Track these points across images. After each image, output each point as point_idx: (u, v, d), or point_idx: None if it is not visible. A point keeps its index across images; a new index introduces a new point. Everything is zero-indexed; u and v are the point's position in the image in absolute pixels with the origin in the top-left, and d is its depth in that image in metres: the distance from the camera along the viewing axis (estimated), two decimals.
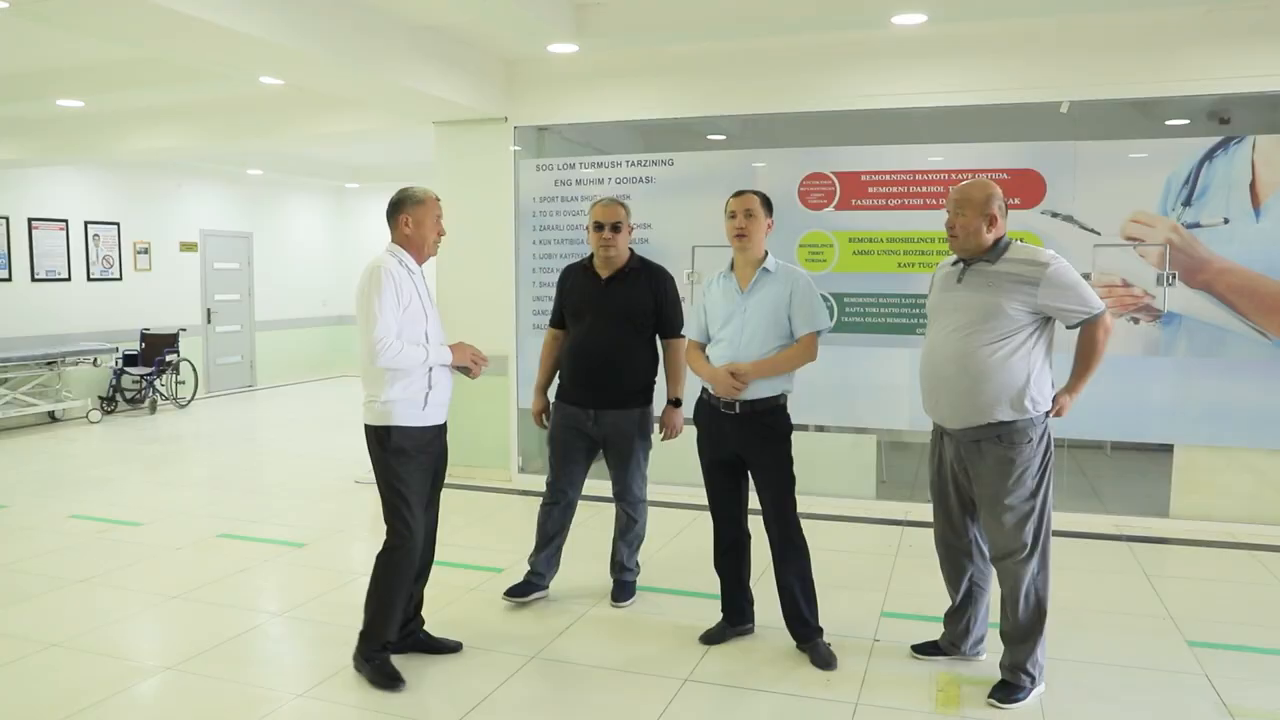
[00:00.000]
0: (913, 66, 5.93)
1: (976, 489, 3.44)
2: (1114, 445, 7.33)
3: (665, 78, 6.48)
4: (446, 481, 3.88)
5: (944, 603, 3.78)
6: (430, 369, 3.58)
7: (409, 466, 3.56)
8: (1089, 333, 3.37)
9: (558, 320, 4.49)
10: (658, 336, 4.37)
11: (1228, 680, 3.61)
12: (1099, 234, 5.72)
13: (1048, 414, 3.40)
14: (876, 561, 5.11)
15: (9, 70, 7.22)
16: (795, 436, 3.91)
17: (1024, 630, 3.43)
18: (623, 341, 4.27)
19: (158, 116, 8.32)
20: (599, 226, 4.24)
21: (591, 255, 4.37)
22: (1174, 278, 5.63)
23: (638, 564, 4.58)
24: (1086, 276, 5.59)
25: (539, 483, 4.83)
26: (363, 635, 3.64)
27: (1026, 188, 5.81)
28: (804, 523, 3.85)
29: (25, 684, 3.66)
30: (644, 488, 4.46)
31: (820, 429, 6.66)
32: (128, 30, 4.72)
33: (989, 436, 3.35)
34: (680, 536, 5.55)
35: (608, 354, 4.25)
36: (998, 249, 3.38)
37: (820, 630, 3.84)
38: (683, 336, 4.27)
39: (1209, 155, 5.53)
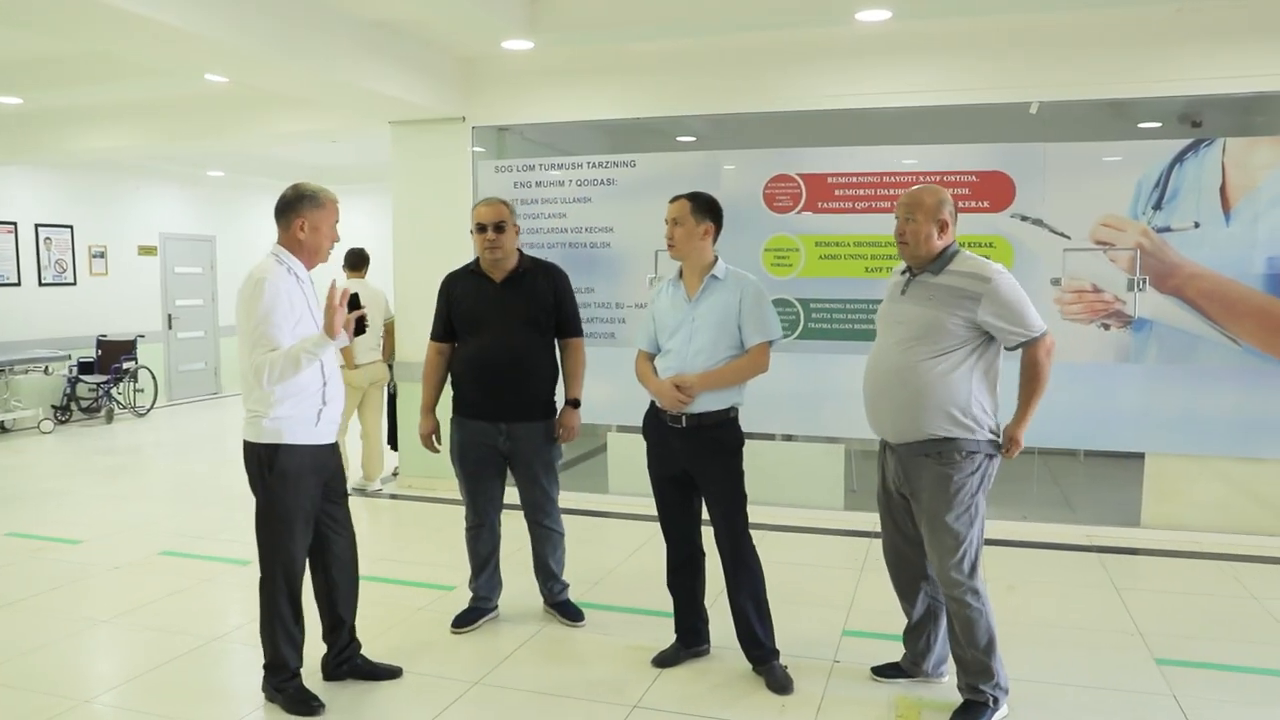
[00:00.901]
0: (879, 66, 5.79)
1: (916, 506, 3.32)
2: (1086, 453, 7.22)
3: (626, 77, 6.31)
4: (402, 493, 3.68)
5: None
6: (325, 384, 3.33)
7: (297, 489, 3.31)
8: (1029, 355, 3.23)
9: (443, 332, 4.21)
10: (556, 338, 4.20)
11: (1195, 700, 3.48)
12: (1069, 238, 5.59)
13: (996, 440, 3.27)
14: (841, 576, 4.95)
15: None
16: (762, 447, 3.77)
17: (975, 655, 3.28)
18: (528, 347, 4.06)
19: (105, 115, 8.07)
20: (481, 228, 4.03)
21: (476, 261, 4.16)
22: (1145, 283, 5.52)
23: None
24: (1055, 283, 5.58)
25: None
26: (266, 667, 3.44)
27: (996, 190, 5.68)
28: (771, 535, 3.73)
29: None
30: (558, 498, 4.29)
31: (788, 438, 6.51)
32: (58, 24, 4.50)
33: (928, 453, 3.23)
34: (640, 552, 5.37)
35: (515, 362, 4.04)
36: (943, 259, 3.26)
37: (776, 652, 3.67)
38: (581, 336, 4.20)
39: (1179, 158, 5.41)
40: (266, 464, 3.28)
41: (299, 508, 3.33)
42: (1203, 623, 4.32)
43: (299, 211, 3.33)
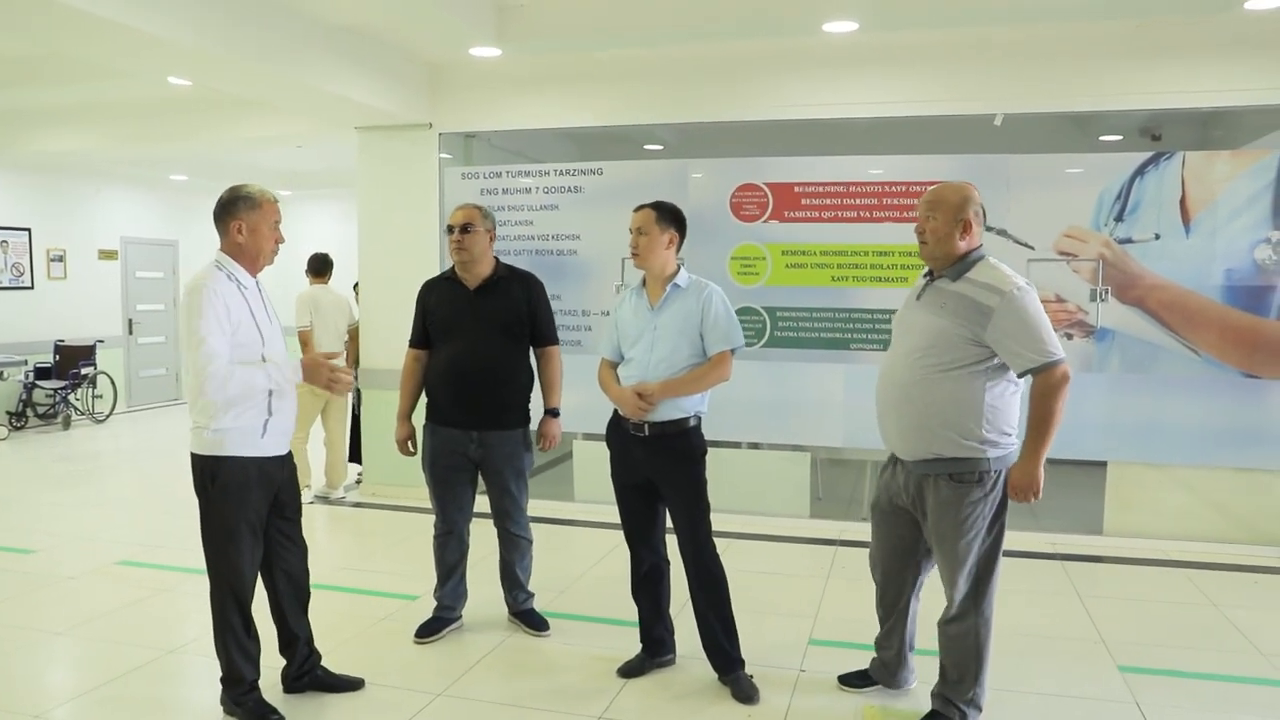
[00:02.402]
0: (846, 76, 5.83)
1: (926, 526, 3.23)
2: (1050, 461, 7.27)
3: (594, 85, 6.30)
4: (366, 501, 3.63)
5: (875, 629, 3.62)
6: (270, 392, 3.23)
7: (242, 502, 3.23)
8: (1039, 385, 2.99)
9: (420, 339, 4.19)
10: (531, 347, 4.19)
11: (1155, 706, 3.51)
12: (1033, 248, 5.65)
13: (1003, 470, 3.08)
14: (807, 585, 4.95)
15: None
16: (728, 454, 3.76)
17: (959, 670, 3.23)
18: (502, 355, 4.05)
19: (66, 116, 7.94)
20: (450, 230, 4.04)
21: (452, 268, 4.15)
22: (1107, 293, 5.58)
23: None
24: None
25: None
26: (224, 681, 3.38)
27: None
28: (737, 543, 3.71)
29: None
30: (527, 507, 4.26)
31: (754, 446, 6.52)
32: (16, 24, 4.42)
33: (938, 472, 3.10)
34: (605, 560, 5.35)
35: (488, 369, 4.02)
36: (964, 264, 3.12)
37: (741, 662, 3.66)
38: (557, 344, 4.19)
39: (1140, 171, 5.48)
40: (209, 476, 3.21)
41: (243, 520, 3.25)
42: (1164, 630, 4.37)
43: (235, 214, 3.24)
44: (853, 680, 3.67)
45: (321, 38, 5.52)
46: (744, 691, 3.58)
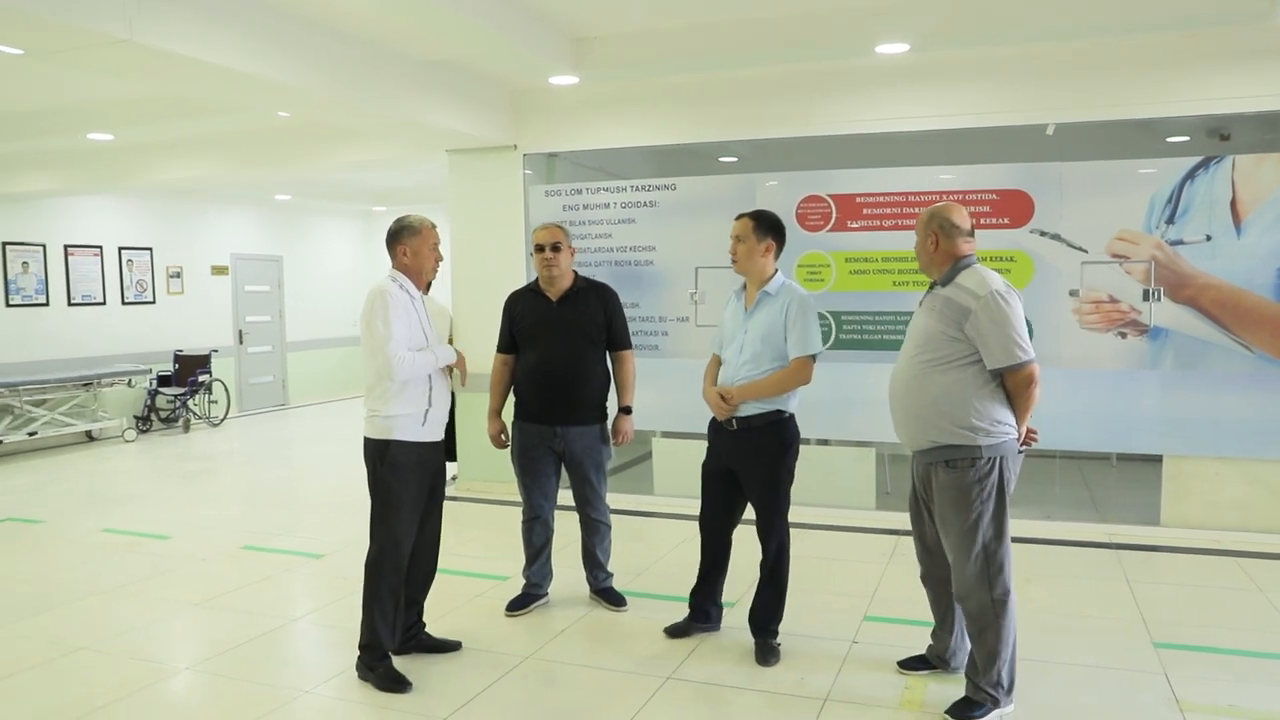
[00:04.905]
0: (902, 92, 6.15)
1: (932, 511, 3.56)
2: (1119, 457, 7.45)
3: (666, 105, 6.74)
4: (461, 495, 4.11)
5: (927, 609, 3.87)
6: (431, 389, 3.83)
7: (405, 479, 3.79)
8: (1008, 383, 3.36)
9: (507, 345, 4.66)
10: (608, 351, 4.62)
11: (1184, 678, 3.78)
12: (1086, 251, 5.88)
13: (1006, 445, 3.38)
14: (868, 569, 5.30)
15: (43, 107, 7.64)
16: (800, 450, 4.06)
17: (984, 658, 3.46)
18: (581, 358, 4.50)
19: (183, 147, 8.69)
20: (540, 248, 4.50)
21: (536, 280, 4.62)
22: (1159, 293, 5.79)
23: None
24: (1073, 294, 5.87)
25: None
26: (362, 647, 3.86)
27: (1015, 207, 6.00)
28: (805, 533, 4.01)
29: (55, 683, 3.96)
30: (606, 494, 4.70)
31: (823, 443, 6.86)
32: (150, 74, 5.04)
33: (939, 460, 3.45)
34: (681, 547, 5.76)
35: (569, 371, 4.48)
36: (953, 271, 3.48)
37: (775, 633, 4.05)
38: (630, 348, 4.62)
39: (1190, 175, 5.68)
40: (379, 456, 3.78)
41: (405, 496, 3.80)
42: (1204, 611, 4.61)
43: (400, 240, 3.86)
44: (911, 664, 3.92)
45: (415, 72, 6.09)
46: (764, 656, 3.98)
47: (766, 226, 4.02)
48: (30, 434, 9.49)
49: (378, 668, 3.83)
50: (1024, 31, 5.43)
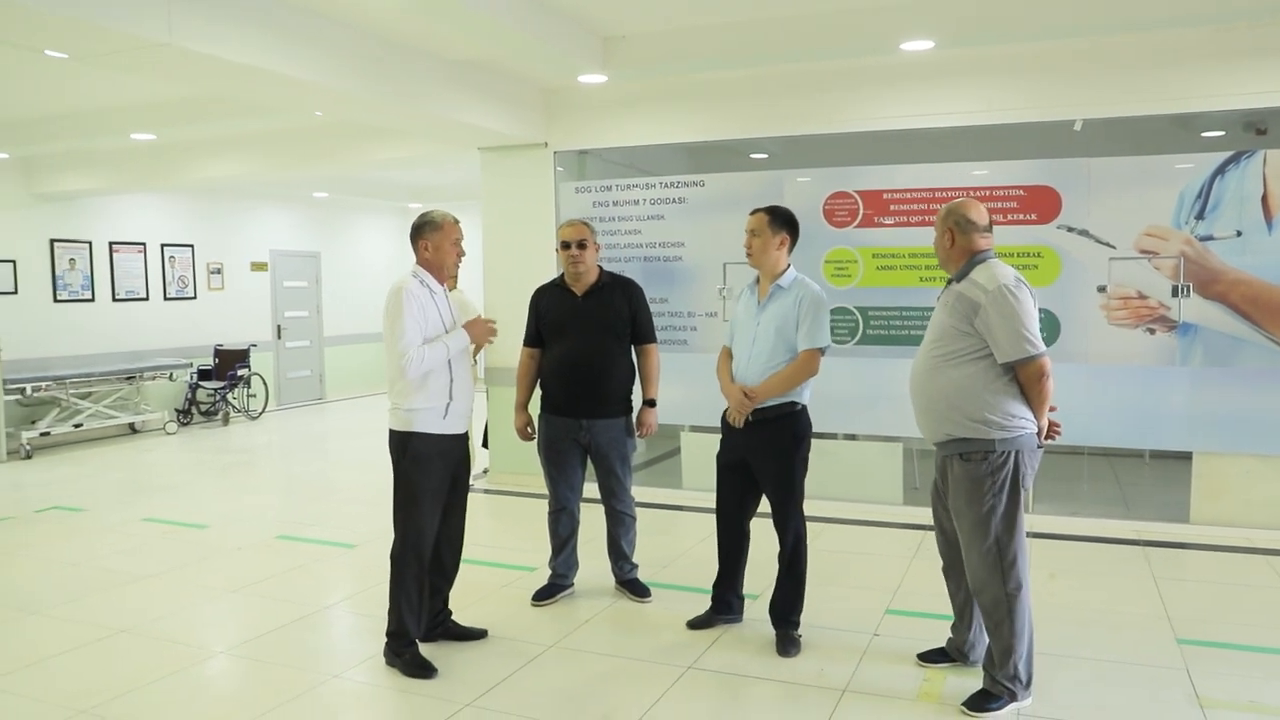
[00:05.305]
0: (929, 89, 6.16)
1: (949, 503, 3.60)
2: (1152, 454, 7.41)
3: (693, 103, 6.80)
4: (488, 488, 4.18)
5: (949, 604, 3.90)
6: (453, 382, 3.91)
7: (427, 471, 3.88)
8: (1020, 376, 3.37)
9: (534, 339, 4.74)
10: (632, 345, 4.68)
11: (1205, 674, 3.78)
12: (1114, 247, 5.86)
13: (1022, 439, 3.40)
14: (892, 564, 5.33)
15: (87, 108, 7.87)
16: (825, 445, 4.11)
17: (1000, 651, 3.49)
18: (606, 352, 4.57)
19: (224, 146, 8.91)
20: (566, 245, 4.57)
21: (562, 275, 4.69)
22: (1188, 289, 5.75)
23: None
24: (1101, 290, 5.84)
25: None
26: (389, 635, 3.97)
27: (1043, 203, 5.99)
28: (832, 528, 4.04)
29: (98, 663, 4.11)
30: (631, 486, 4.77)
31: (851, 438, 6.89)
32: (193, 77, 5.19)
33: (953, 454, 3.49)
34: (707, 540, 5.76)
35: (594, 365, 4.55)
36: (968, 266, 3.50)
37: (795, 624, 4.11)
38: (655, 342, 4.68)
39: (1220, 170, 5.64)
40: (401, 448, 3.88)
41: (427, 487, 3.89)
42: (1230, 608, 4.60)
43: (422, 235, 3.96)
44: (931, 657, 3.94)
45: (448, 72, 6.20)
46: (785, 647, 4.03)
47: (781, 221, 4.10)
48: (76, 426, 9.74)
49: (404, 654, 3.92)
50: (1051, 28, 5.41)
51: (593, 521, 4.94)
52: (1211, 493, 5.89)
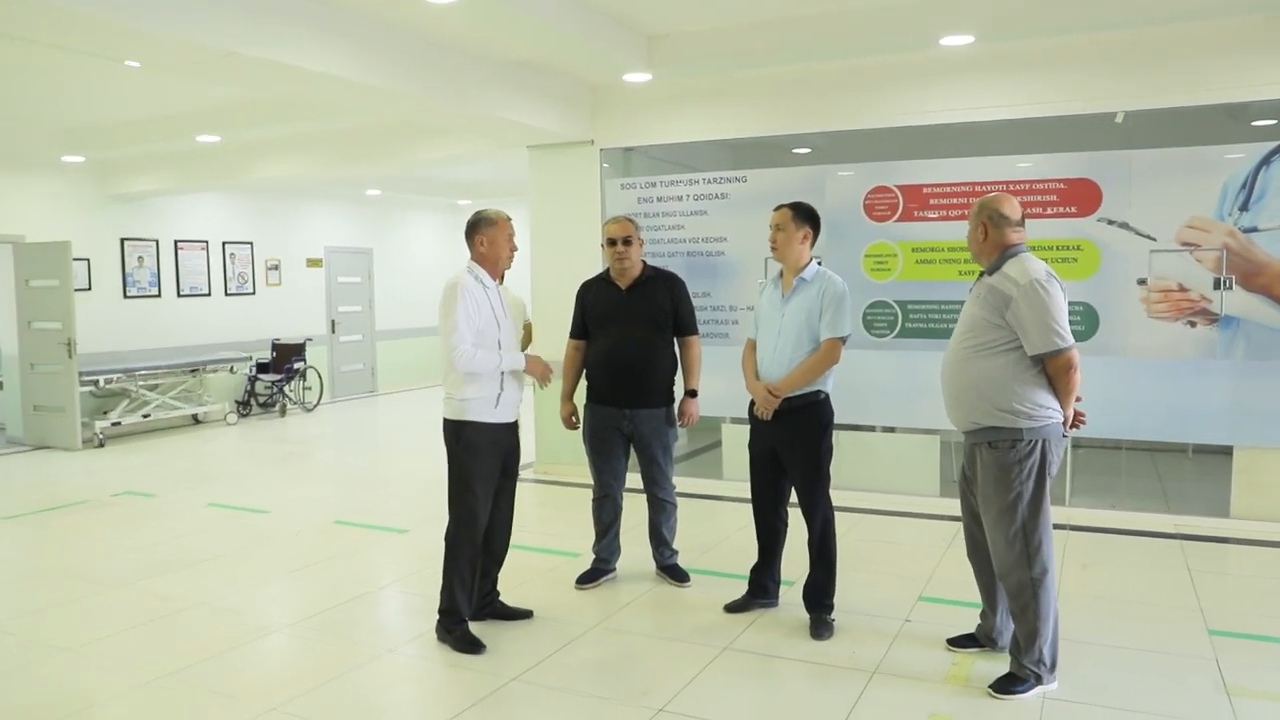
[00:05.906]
0: (968, 83, 6.22)
1: (976, 491, 3.70)
2: (1195, 448, 7.39)
3: (737, 100, 6.92)
4: (535, 478, 4.35)
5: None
6: (502, 373, 4.10)
7: (478, 458, 4.07)
8: (1049, 369, 3.47)
9: (580, 331, 4.91)
10: (675, 337, 4.82)
11: (1235, 664, 3.83)
12: (1155, 240, 5.88)
13: (1048, 428, 3.48)
14: (926, 553, 5.42)
15: (156, 114, 8.26)
16: (862, 437, 4.22)
17: (1025, 636, 3.57)
18: (649, 344, 4.73)
19: (282, 147, 9.22)
20: (612, 241, 4.72)
21: (607, 270, 4.85)
22: (1231, 282, 5.75)
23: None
24: (1141, 283, 5.87)
25: None
26: (441, 612, 4.17)
27: (1083, 196, 6.02)
28: (868, 518, 4.14)
29: (167, 637, 4.37)
30: (672, 475, 4.92)
31: (888, 430, 6.97)
32: (261, 82, 5.46)
33: (981, 442, 3.59)
34: (746, 528, 5.89)
35: (638, 356, 4.71)
36: (1000, 259, 3.59)
37: (829, 608, 4.24)
38: (697, 334, 4.83)
39: (1266, 161, 5.63)
40: (454, 436, 4.08)
41: (480, 474, 4.08)
42: (1265, 601, 4.62)
43: (478, 231, 4.15)
44: (960, 642, 4.04)
45: (498, 72, 6.41)
46: (818, 630, 4.16)
47: (804, 215, 4.24)
48: (144, 416, 10.15)
49: (455, 630, 4.12)
50: (1092, 20, 5.45)
51: (635, 509, 5.11)
52: (1252, 487, 5.88)
